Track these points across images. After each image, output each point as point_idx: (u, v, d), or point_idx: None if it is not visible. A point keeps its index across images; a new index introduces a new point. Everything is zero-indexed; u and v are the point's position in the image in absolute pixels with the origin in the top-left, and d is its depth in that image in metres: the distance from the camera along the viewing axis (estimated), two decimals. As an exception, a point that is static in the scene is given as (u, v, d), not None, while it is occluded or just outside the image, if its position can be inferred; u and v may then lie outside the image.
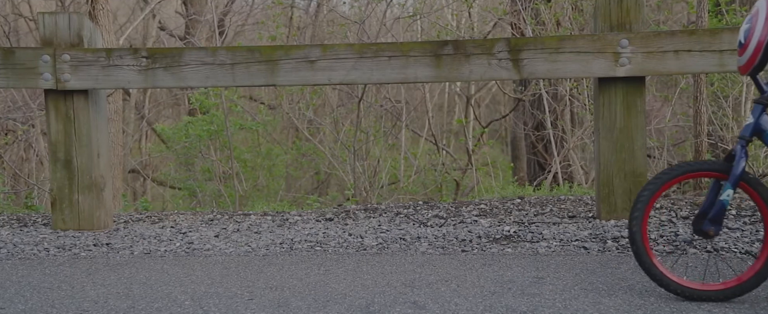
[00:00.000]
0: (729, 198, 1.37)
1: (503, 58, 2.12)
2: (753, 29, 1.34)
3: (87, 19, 2.34)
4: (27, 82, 2.28)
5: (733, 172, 1.36)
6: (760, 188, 1.39)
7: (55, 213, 2.29)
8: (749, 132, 1.37)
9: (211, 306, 1.50)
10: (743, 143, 1.37)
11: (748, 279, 1.41)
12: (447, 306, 1.46)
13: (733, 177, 1.36)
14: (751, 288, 1.41)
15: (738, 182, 1.37)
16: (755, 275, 1.41)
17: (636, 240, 1.42)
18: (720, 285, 1.43)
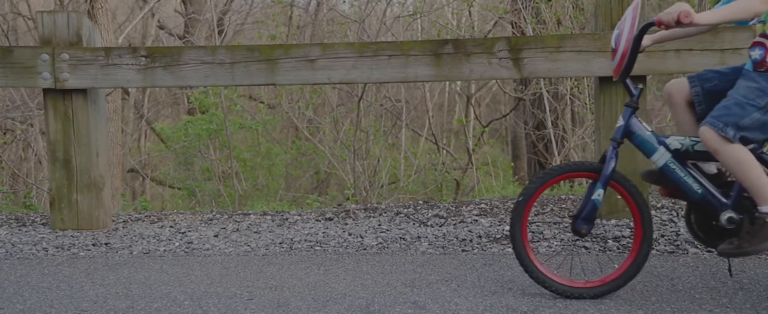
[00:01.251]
0: (600, 197, 1.41)
1: (504, 57, 2.12)
2: (621, 35, 1.39)
3: (86, 18, 2.34)
4: (26, 81, 2.28)
5: (603, 173, 1.41)
6: (629, 187, 1.44)
7: (54, 213, 2.28)
8: (620, 134, 1.42)
9: (210, 306, 1.50)
10: (615, 145, 1.41)
11: (619, 275, 1.46)
12: (447, 306, 1.45)
13: (604, 177, 1.41)
14: (622, 284, 1.46)
15: (608, 182, 1.41)
16: (625, 272, 1.45)
17: (516, 240, 1.46)
18: (596, 282, 1.47)
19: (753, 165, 1.30)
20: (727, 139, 1.30)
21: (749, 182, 1.30)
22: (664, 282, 1.59)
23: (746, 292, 1.50)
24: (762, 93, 1.31)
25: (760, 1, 1.27)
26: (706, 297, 1.48)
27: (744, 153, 1.30)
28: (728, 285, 1.55)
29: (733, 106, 1.32)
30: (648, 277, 1.63)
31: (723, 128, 1.30)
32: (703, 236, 1.42)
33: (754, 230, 1.30)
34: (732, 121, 1.30)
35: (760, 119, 1.31)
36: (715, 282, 1.57)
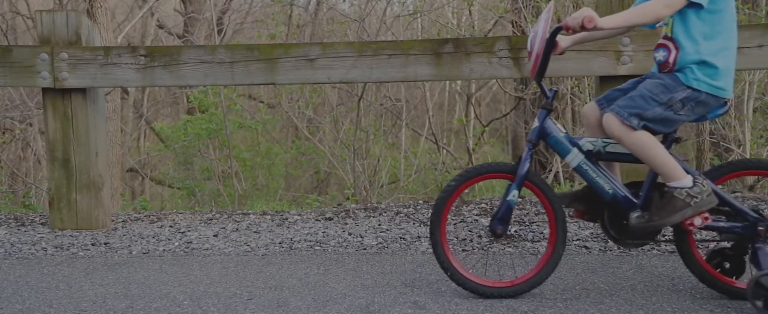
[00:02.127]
0: (514, 198, 1.45)
1: (504, 57, 2.11)
2: (535, 38, 1.42)
3: (85, 17, 2.33)
4: (25, 81, 2.27)
5: (518, 173, 1.44)
6: (544, 187, 1.47)
7: (53, 213, 2.28)
8: (535, 135, 1.45)
9: (209, 306, 1.49)
10: (530, 146, 1.46)
11: (534, 275, 1.48)
12: (447, 306, 1.45)
13: (518, 177, 1.44)
14: (537, 283, 1.49)
15: (523, 182, 1.44)
16: (540, 272, 1.48)
17: (436, 241, 1.48)
18: (511, 281, 1.49)
19: (657, 148, 1.33)
20: (631, 127, 1.34)
21: (655, 163, 1.34)
22: (665, 282, 1.58)
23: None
24: (666, 89, 1.35)
25: (662, 5, 1.30)
26: (707, 296, 1.47)
27: (647, 137, 1.34)
28: (729, 285, 1.55)
29: (638, 98, 1.36)
30: (649, 277, 1.62)
31: (627, 117, 1.34)
32: (615, 235, 1.44)
33: (662, 204, 1.34)
34: (635, 112, 1.34)
35: (662, 114, 1.34)
36: (716, 282, 1.57)
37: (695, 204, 1.32)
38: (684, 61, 1.35)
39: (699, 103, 1.35)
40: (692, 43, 1.34)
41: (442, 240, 1.47)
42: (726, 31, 1.35)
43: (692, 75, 1.33)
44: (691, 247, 1.43)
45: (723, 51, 1.35)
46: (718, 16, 1.33)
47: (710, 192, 1.33)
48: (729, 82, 1.37)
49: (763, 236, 1.36)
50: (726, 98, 1.38)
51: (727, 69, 1.35)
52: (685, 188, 1.32)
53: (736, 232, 1.40)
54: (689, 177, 1.34)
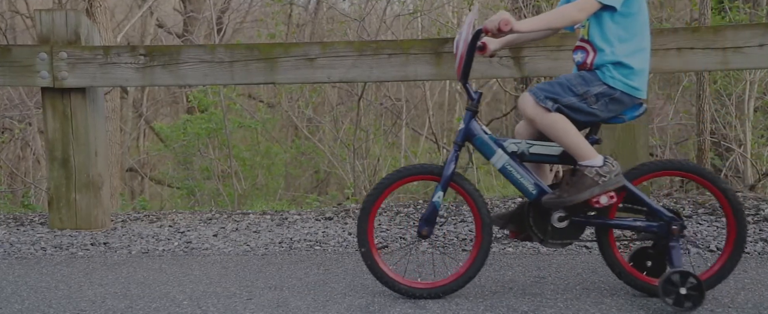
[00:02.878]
0: (440, 199, 1.46)
1: (504, 56, 2.11)
2: (459, 40, 1.44)
3: (84, 16, 2.32)
4: (24, 80, 2.26)
5: (443, 175, 1.45)
6: (470, 189, 1.48)
7: (52, 212, 2.27)
8: (461, 137, 1.47)
9: (209, 306, 1.49)
10: (456, 148, 1.47)
11: (459, 276, 1.48)
12: (448, 306, 1.45)
13: (444, 178, 1.45)
14: (462, 285, 1.49)
15: (448, 184, 1.45)
16: (465, 273, 1.49)
17: (363, 242, 1.48)
18: (436, 282, 1.50)
19: (569, 128, 1.37)
20: (546, 108, 1.37)
21: (568, 143, 1.38)
22: (665, 282, 1.58)
23: (748, 292, 1.50)
24: (584, 81, 1.39)
25: (577, 10, 1.34)
26: (707, 296, 1.46)
27: (560, 118, 1.37)
28: (730, 284, 1.55)
29: (557, 84, 1.40)
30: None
31: (543, 99, 1.38)
32: (540, 236, 1.46)
33: (573, 181, 1.38)
34: (551, 96, 1.38)
35: (576, 104, 1.38)
36: (716, 282, 1.57)
37: (603, 183, 1.36)
38: (601, 61, 1.39)
39: (613, 100, 1.39)
40: (608, 45, 1.38)
41: (370, 243, 1.48)
42: (640, 34, 1.39)
43: (609, 73, 1.38)
44: (611, 246, 1.46)
45: (638, 52, 1.39)
46: (632, 19, 1.38)
47: (618, 173, 1.37)
48: (644, 83, 1.41)
49: (677, 235, 1.40)
50: (641, 99, 1.42)
51: (641, 70, 1.40)
52: (595, 167, 1.36)
53: (653, 231, 1.42)
54: (600, 157, 1.38)
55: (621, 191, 1.41)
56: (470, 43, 1.41)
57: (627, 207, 1.44)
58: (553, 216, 1.41)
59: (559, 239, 1.44)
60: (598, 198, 1.36)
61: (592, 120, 1.41)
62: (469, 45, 1.41)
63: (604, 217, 1.43)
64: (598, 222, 1.44)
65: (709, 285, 1.43)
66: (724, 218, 1.51)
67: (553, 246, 1.46)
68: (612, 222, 1.44)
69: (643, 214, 1.44)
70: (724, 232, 1.95)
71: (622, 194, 1.42)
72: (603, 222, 1.43)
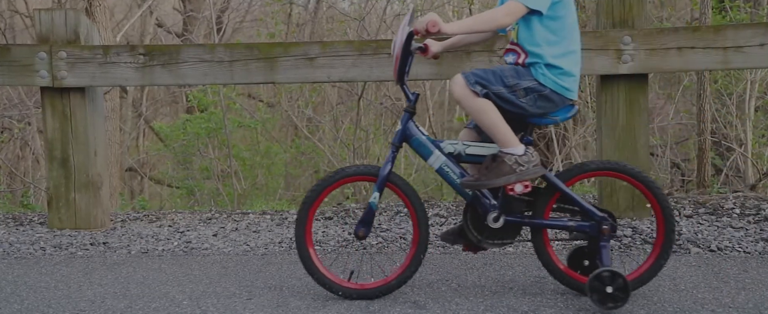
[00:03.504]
0: (376, 200, 1.47)
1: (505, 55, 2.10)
2: (395, 42, 1.46)
3: (84, 15, 2.32)
4: (23, 80, 2.26)
5: (379, 175, 1.46)
6: (406, 188, 1.49)
7: (52, 212, 2.27)
8: (398, 138, 1.48)
9: (209, 306, 1.49)
10: (393, 149, 1.49)
11: (395, 278, 1.49)
12: (448, 306, 1.45)
13: (380, 179, 1.46)
14: (398, 286, 1.50)
15: (384, 184, 1.47)
16: (401, 274, 1.49)
17: (300, 244, 1.49)
18: (372, 284, 1.50)
19: (494, 115, 1.39)
20: (474, 93, 1.39)
21: (492, 129, 1.40)
22: (666, 282, 1.58)
23: (749, 292, 1.50)
24: (516, 74, 1.42)
25: (503, 14, 1.37)
26: (708, 297, 1.47)
27: (487, 104, 1.39)
28: (731, 284, 1.55)
29: (490, 73, 1.42)
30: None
31: (473, 83, 1.39)
32: (477, 236, 1.47)
33: (492, 166, 1.41)
34: (482, 82, 1.40)
35: (504, 94, 1.41)
36: (717, 282, 1.56)
37: (520, 172, 1.39)
38: (532, 61, 1.43)
39: (542, 97, 1.41)
40: (537, 48, 1.41)
41: (308, 244, 1.49)
42: (569, 37, 1.42)
43: (541, 71, 1.41)
44: (546, 245, 1.48)
45: (568, 55, 1.42)
46: (560, 23, 1.41)
47: (537, 164, 1.40)
48: (574, 84, 1.44)
49: (607, 234, 1.42)
50: (572, 100, 1.45)
51: (572, 71, 1.43)
52: (515, 155, 1.39)
53: (584, 231, 1.44)
54: (522, 147, 1.40)
55: (555, 192, 1.44)
56: (404, 45, 1.43)
57: (561, 207, 1.47)
58: (489, 217, 1.43)
59: (496, 239, 1.46)
60: (514, 185, 1.39)
61: (520, 112, 1.43)
62: (403, 47, 1.43)
63: (537, 217, 1.45)
64: (532, 222, 1.45)
65: (637, 284, 1.45)
66: (654, 219, 1.53)
67: (491, 246, 1.48)
68: (545, 223, 1.46)
69: (575, 214, 1.47)
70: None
71: (556, 195, 1.45)
72: (537, 222, 1.45)
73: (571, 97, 1.44)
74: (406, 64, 1.46)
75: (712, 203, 2.26)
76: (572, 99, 1.44)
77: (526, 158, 1.39)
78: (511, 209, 1.45)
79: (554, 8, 1.39)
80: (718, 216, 2.12)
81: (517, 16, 1.37)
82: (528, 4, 1.36)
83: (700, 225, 2.03)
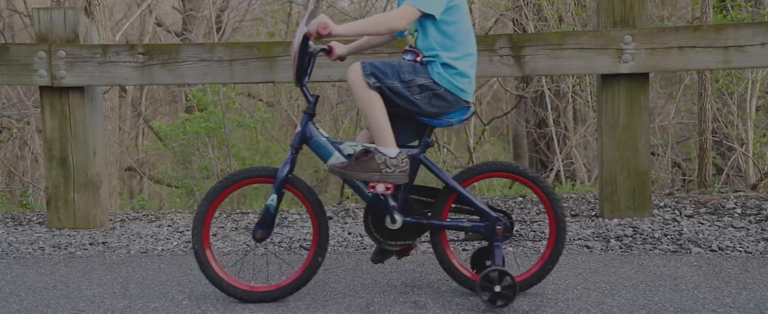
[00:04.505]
0: (273, 202, 1.46)
1: (505, 55, 2.10)
2: (294, 43, 1.47)
3: (83, 15, 2.31)
4: (22, 79, 2.25)
5: (277, 177, 1.46)
6: (305, 191, 1.49)
7: (51, 212, 2.26)
8: (297, 140, 1.48)
9: (208, 306, 1.48)
10: (293, 151, 1.48)
11: (292, 281, 1.48)
12: (448, 305, 1.44)
13: (277, 181, 1.46)
14: (294, 290, 1.49)
15: (282, 186, 1.46)
16: (299, 277, 1.49)
17: (197, 247, 1.48)
18: (269, 286, 1.49)
19: (380, 111, 1.40)
20: (367, 83, 1.39)
21: (374, 124, 1.41)
22: (667, 282, 1.57)
23: (750, 292, 1.49)
24: (413, 70, 1.43)
25: (397, 17, 1.38)
26: (709, 296, 1.46)
27: (376, 98, 1.40)
28: (732, 284, 1.54)
29: (388, 66, 1.42)
30: (651, 277, 1.62)
31: (368, 74, 1.40)
32: (377, 236, 1.48)
33: (362, 159, 1.41)
34: (379, 74, 1.40)
35: (398, 89, 1.41)
36: (718, 282, 1.56)
37: (385, 173, 1.40)
38: (429, 60, 1.44)
39: (437, 96, 1.42)
40: (434, 52, 1.42)
41: (204, 245, 1.48)
42: (465, 41, 1.44)
43: (437, 69, 1.43)
44: (444, 246, 1.49)
45: (464, 57, 1.44)
46: (455, 27, 1.42)
47: (404, 171, 1.41)
48: (469, 86, 1.45)
49: (501, 235, 1.44)
50: (468, 102, 1.46)
51: (467, 73, 1.44)
52: (387, 156, 1.40)
53: (479, 231, 1.47)
54: (396, 150, 1.41)
55: (451, 193, 1.46)
56: (300, 47, 1.43)
57: (458, 207, 1.49)
58: (387, 219, 1.44)
59: (397, 240, 1.47)
60: (376, 184, 1.40)
61: (414, 109, 1.43)
62: (299, 48, 1.43)
63: (436, 218, 1.47)
64: (429, 222, 1.46)
65: (530, 284, 1.48)
66: (547, 220, 1.56)
67: (392, 247, 1.49)
68: (442, 223, 1.47)
69: (470, 214, 1.49)
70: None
71: (453, 196, 1.46)
72: (434, 223, 1.46)
73: (466, 98, 1.45)
74: (305, 65, 1.46)
75: (713, 203, 2.25)
76: (467, 100, 1.45)
77: (396, 162, 1.40)
78: (411, 210, 1.46)
79: (449, 13, 1.41)
80: (719, 216, 2.11)
81: (411, 20, 1.39)
82: (421, 8, 1.37)
83: (701, 225, 2.03)
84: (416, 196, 1.47)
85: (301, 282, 1.49)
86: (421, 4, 1.37)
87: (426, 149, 1.47)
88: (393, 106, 1.42)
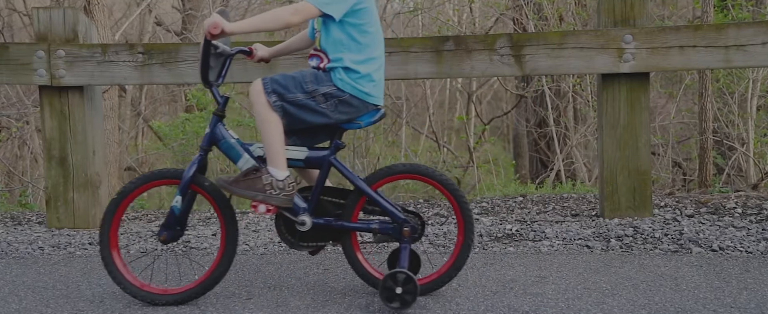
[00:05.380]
0: (178, 204, 1.46)
1: (505, 54, 2.09)
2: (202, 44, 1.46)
3: (82, 14, 2.31)
4: (21, 78, 2.25)
5: (182, 178, 1.45)
6: (213, 192, 1.48)
7: (50, 212, 2.26)
8: (206, 142, 1.48)
9: (208, 306, 1.48)
10: (202, 152, 1.48)
11: (204, 280, 1.48)
12: (448, 306, 1.44)
13: (182, 182, 1.45)
14: (209, 288, 1.47)
15: (188, 187, 1.46)
16: (210, 276, 1.47)
17: (103, 246, 1.48)
18: (175, 289, 1.49)
19: (276, 132, 1.39)
20: (269, 102, 1.39)
21: (268, 144, 1.41)
22: (667, 282, 1.57)
23: (751, 292, 1.49)
24: (315, 80, 1.42)
25: (290, 13, 1.36)
26: (710, 296, 1.46)
27: (275, 120, 1.40)
28: (733, 284, 1.54)
29: (290, 79, 1.42)
30: (651, 276, 1.61)
31: (270, 92, 1.40)
32: (290, 238, 1.48)
33: (250, 177, 1.41)
34: (279, 91, 1.40)
35: (303, 100, 1.41)
36: (719, 282, 1.56)
37: (268, 194, 1.39)
38: (332, 66, 1.43)
39: (343, 102, 1.42)
40: (337, 54, 1.41)
41: (111, 246, 1.48)
42: (371, 44, 1.43)
43: (339, 75, 1.41)
44: (353, 247, 1.49)
45: (368, 61, 1.42)
46: (361, 30, 1.41)
47: (288, 195, 1.40)
48: (376, 89, 1.44)
49: (409, 236, 1.44)
50: (376, 105, 1.45)
51: (372, 76, 1.43)
52: (274, 178, 1.39)
53: (387, 233, 1.46)
54: (285, 173, 1.40)
55: (362, 195, 1.45)
56: (203, 47, 1.42)
57: (369, 209, 1.49)
58: (297, 219, 1.43)
59: (309, 241, 1.47)
60: (258, 204, 1.40)
61: (323, 120, 1.43)
62: (203, 49, 1.42)
63: (345, 220, 1.46)
64: (339, 224, 1.46)
65: (436, 286, 1.48)
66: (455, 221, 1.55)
67: (305, 249, 1.49)
68: (351, 225, 1.47)
69: (379, 216, 1.49)
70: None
71: (363, 198, 1.46)
72: (343, 224, 1.46)
73: (373, 101, 1.44)
74: (210, 65, 1.44)
75: (714, 202, 2.25)
76: (375, 103, 1.45)
77: (282, 185, 1.39)
78: (323, 211, 1.46)
79: (356, 15, 1.39)
80: (720, 216, 2.11)
81: (306, 16, 1.37)
82: (320, 6, 1.35)
83: (701, 225, 2.02)
84: (328, 198, 1.47)
85: (211, 282, 1.48)
86: (321, 3, 1.35)
87: (337, 151, 1.47)
88: (301, 123, 1.42)
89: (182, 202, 1.46)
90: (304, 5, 1.35)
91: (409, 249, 1.45)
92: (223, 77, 1.50)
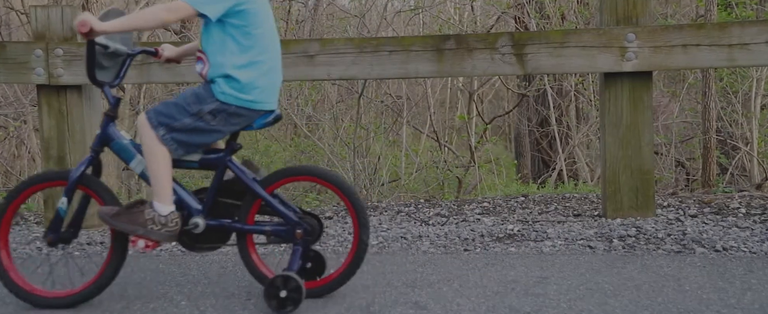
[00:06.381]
0: (64, 206, 1.44)
1: (507, 53, 2.08)
2: None
3: (80, 12, 2.29)
4: (19, 77, 2.24)
5: (69, 179, 1.44)
6: (102, 192, 1.46)
7: (48, 211, 2.25)
8: (97, 142, 1.47)
9: (207, 307, 1.47)
10: (92, 153, 1.47)
11: (93, 282, 1.46)
12: (449, 306, 1.43)
13: (69, 183, 1.44)
14: (98, 291, 1.47)
15: (73, 189, 1.45)
16: (99, 278, 1.46)
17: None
18: (64, 292, 1.47)
19: (162, 167, 1.38)
20: (157, 136, 1.38)
21: (154, 179, 1.40)
22: (670, 282, 1.56)
23: (754, 293, 1.47)
24: (198, 100, 1.39)
25: (165, 11, 1.34)
26: (713, 297, 1.45)
27: (162, 153, 1.38)
28: (736, 285, 1.52)
29: (173, 106, 1.40)
30: (654, 277, 1.60)
31: (156, 126, 1.38)
32: (186, 240, 1.46)
33: (133, 210, 1.40)
34: (165, 121, 1.38)
35: (192, 124, 1.38)
36: (722, 283, 1.54)
37: (149, 230, 1.38)
38: (213, 73, 1.39)
39: (232, 115, 1.39)
40: (219, 57, 1.37)
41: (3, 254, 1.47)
42: (256, 47, 1.38)
43: (219, 88, 1.38)
44: (249, 249, 1.49)
45: (251, 65, 1.38)
46: (244, 31, 1.37)
47: (171, 231, 1.39)
48: (262, 94, 1.40)
49: (301, 238, 1.43)
50: (265, 110, 1.43)
51: (254, 82, 1.38)
52: (157, 213, 1.38)
53: (280, 235, 1.45)
54: (169, 209, 1.39)
55: (256, 197, 1.44)
56: (87, 46, 1.39)
57: (267, 210, 1.47)
58: (191, 221, 1.42)
59: (205, 243, 1.45)
60: (138, 238, 1.39)
61: (218, 136, 1.42)
62: (87, 48, 1.40)
63: (240, 222, 1.45)
64: (233, 226, 1.45)
65: (334, 286, 1.48)
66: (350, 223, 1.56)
67: (202, 250, 1.48)
68: (245, 227, 1.45)
69: (273, 217, 1.48)
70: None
71: (258, 200, 1.45)
72: (237, 226, 1.45)
73: (261, 108, 1.41)
74: (94, 66, 1.41)
75: (718, 202, 2.23)
76: (265, 109, 1.42)
77: (164, 220, 1.38)
78: (218, 213, 1.44)
79: (237, 17, 1.35)
80: (724, 216, 2.09)
81: (182, 16, 1.34)
82: (195, 6, 1.32)
83: (705, 225, 2.01)
84: (225, 199, 1.45)
85: (100, 285, 1.46)
86: (197, 2, 1.32)
87: (233, 153, 1.45)
88: (199, 146, 1.41)
89: (67, 204, 1.44)
90: (179, 4, 1.32)
91: (303, 251, 1.43)
92: (122, 78, 1.48)
